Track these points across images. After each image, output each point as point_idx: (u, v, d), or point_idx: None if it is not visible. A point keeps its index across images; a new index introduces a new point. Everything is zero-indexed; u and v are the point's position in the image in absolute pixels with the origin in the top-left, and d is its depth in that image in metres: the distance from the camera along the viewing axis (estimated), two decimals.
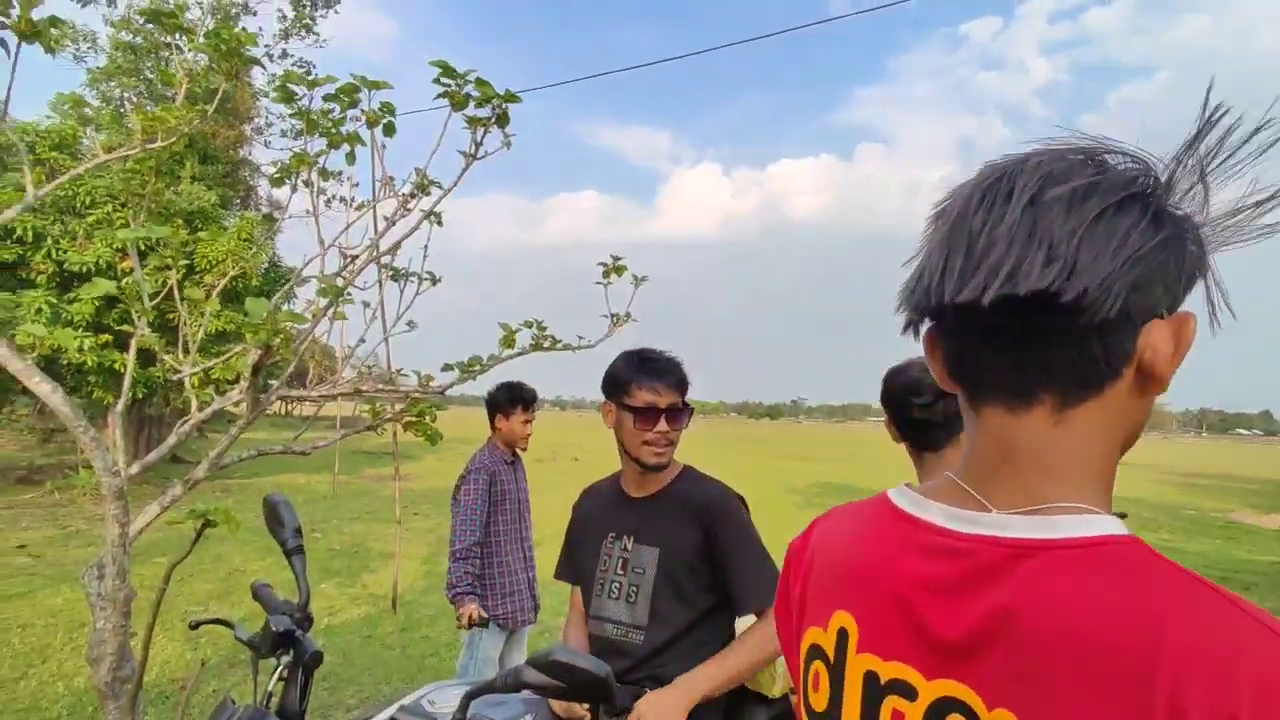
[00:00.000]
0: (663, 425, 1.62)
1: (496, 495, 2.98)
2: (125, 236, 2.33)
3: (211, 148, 12.47)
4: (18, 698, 3.80)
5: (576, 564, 1.78)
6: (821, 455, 31.43)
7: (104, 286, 2.45)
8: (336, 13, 16.51)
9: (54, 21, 2.33)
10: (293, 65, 16.11)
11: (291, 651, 1.25)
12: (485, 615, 2.82)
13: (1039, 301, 0.47)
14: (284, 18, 16.07)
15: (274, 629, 1.24)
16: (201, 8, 14.77)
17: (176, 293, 2.64)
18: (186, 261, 9.05)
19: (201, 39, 2.80)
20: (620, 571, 1.65)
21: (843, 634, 0.60)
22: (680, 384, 1.65)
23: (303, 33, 16.12)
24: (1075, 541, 0.49)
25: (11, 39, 2.22)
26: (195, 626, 1.53)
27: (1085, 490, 0.52)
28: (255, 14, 16.17)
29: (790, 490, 15.83)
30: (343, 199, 3.54)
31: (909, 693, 0.54)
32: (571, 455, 21.79)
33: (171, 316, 3.00)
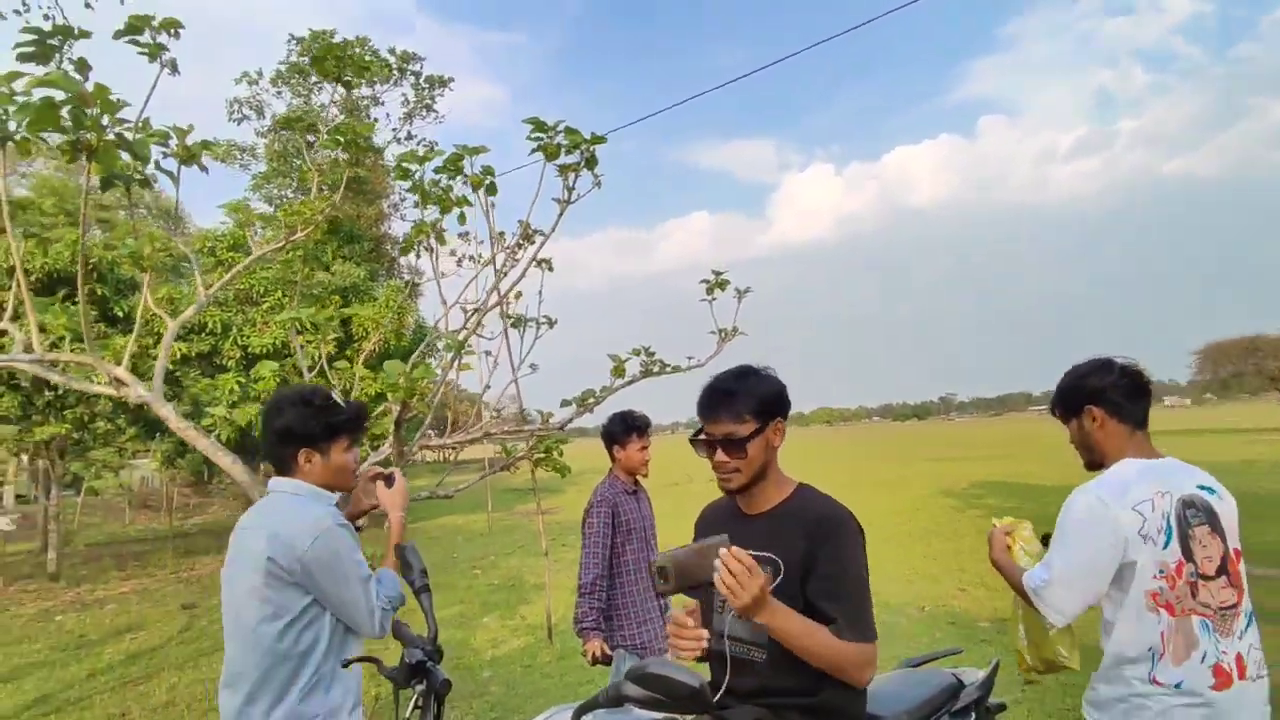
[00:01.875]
0: (720, 456, 1.62)
1: (621, 526, 3.06)
2: (280, 320, 2.68)
3: (356, 227, 13.85)
4: None
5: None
6: (976, 453, 29.35)
7: (268, 367, 2.83)
8: (451, 90, 17.96)
9: (206, 145, 2.74)
10: (417, 143, 17.62)
11: (424, 681, 1.38)
12: (609, 651, 2.89)
13: None
14: (407, 102, 17.66)
15: (408, 661, 1.38)
16: (337, 106, 16.57)
17: (324, 364, 2.98)
18: (337, 335, 10.04)
19: (325, 136, 3.20)
20: None
21: None
22: (736, 412, 1.61)
23: (424, 113, 17.62)
24: None
25: (173, 164, 2.66)
26: (347, 665, 1.68)
27: None
28: (383, 104, 17.92)
29: (945, 494, 14.92)
30: (471, 257, 3.85)
31: None
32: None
33: (337, 383, 3.39)
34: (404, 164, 3.11)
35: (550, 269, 3.70)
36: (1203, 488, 1.82)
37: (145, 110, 2.23)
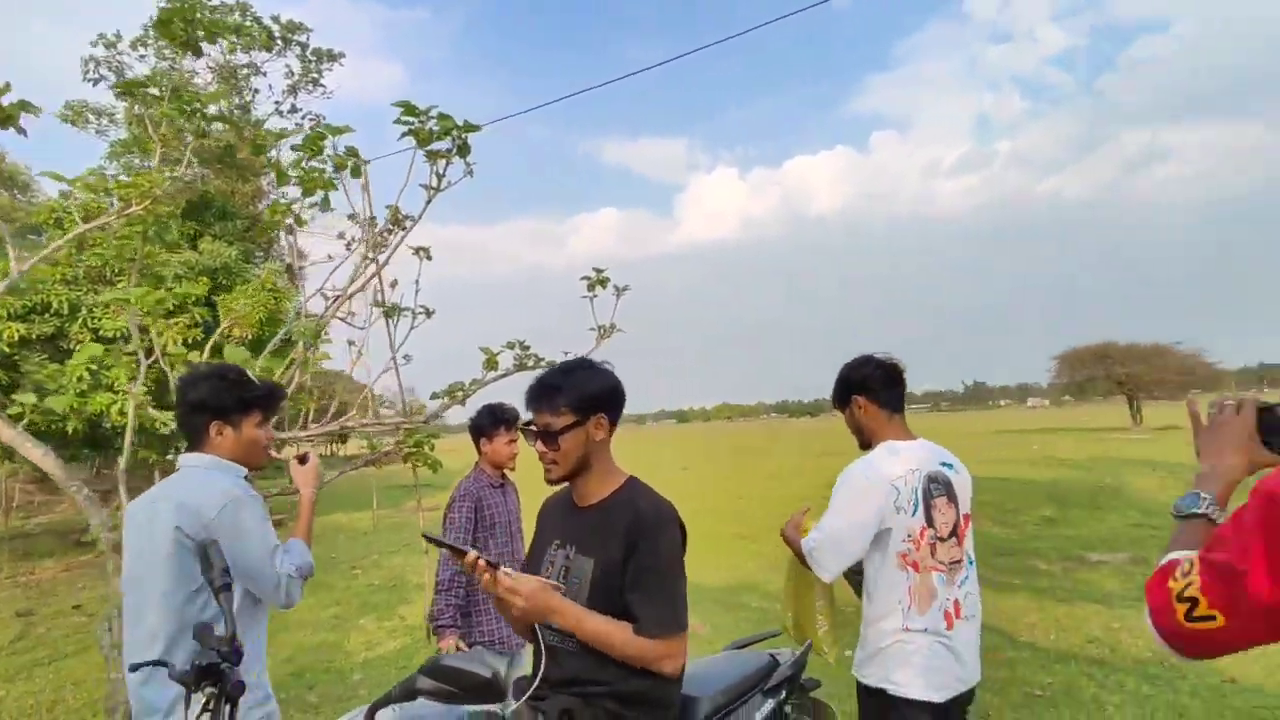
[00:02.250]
0: (539, 446, 1.66)
1: (485, 521, 3.00)
2: (105, 299, 2.45)
3: (230, 204, 12.93)
4: None
5: (528, 568, 1.81)
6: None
7: (90, 349, 2.58)
8: (342, 65, 17.06)
9: (24, 106, 2.47)
10: (302, 117, 16.64)
11: (216, 684, 1.31)
12: (465, 647, 2.84)
13: None
14: (291, 73, 16.64)
15: (198, 662, 1.30)
16: (212, 73, 15.40)
17: (159, 351, 2.76)
18: (202, 319, 9.34)
19: (166, 104, 2.95)
20: (562, 579, 1.67)
21: None
22: (554, 407, 1.64)
23: (310, 87, 16.66)
24: None
25: None
26: (134, 669, 1.61)
27: None
28: (264, 74, 16.81)
29: (828, 485, 15.63)
30: (351, 240, 3.65)
31: None
32: None
33: (176, 372, 3.13)
34: (257, 140, 2.92)
35: (429, 257, 3.58)
36: (944, 464, 2.16)
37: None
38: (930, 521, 2.06)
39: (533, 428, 1.67)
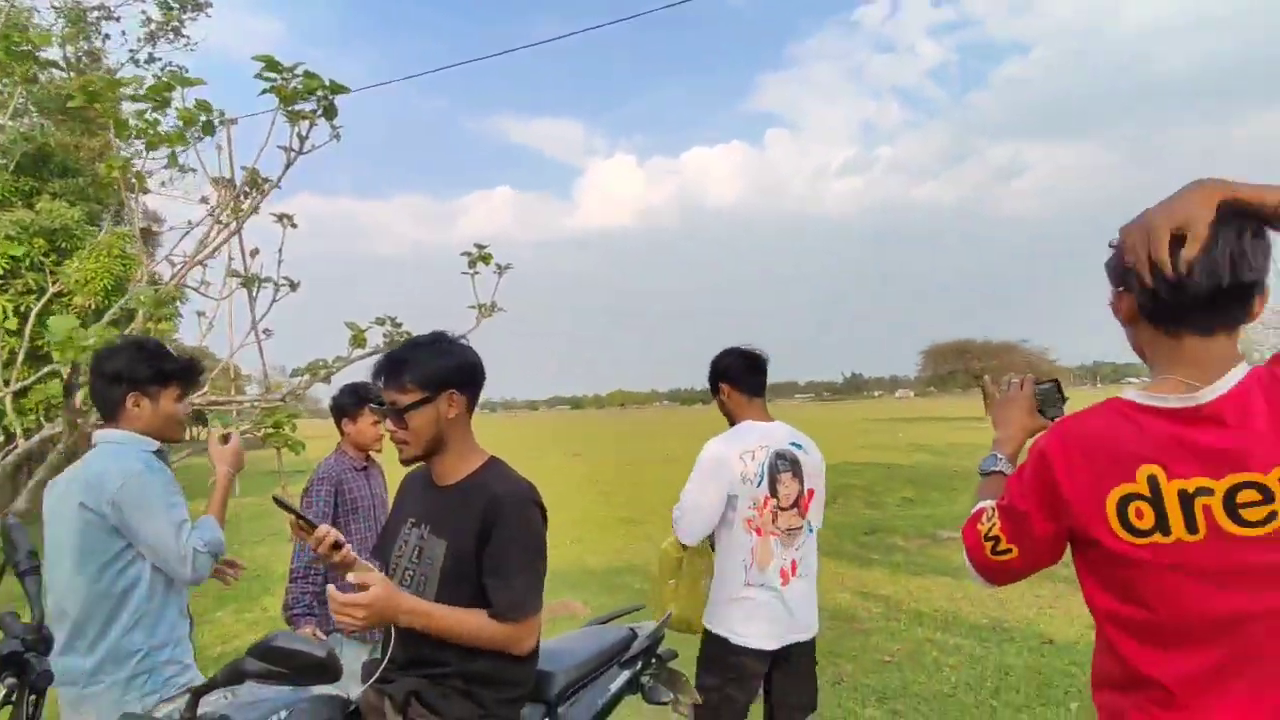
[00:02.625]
0: (389, 424, 1.62)
1: (346, 505, 2.88)
2: None
3: (74, 160, 11.62)
4: None
5: (381, 547, 1.76)
6: None
7: None
8: (208, 15, 15.64)
9: None
10: (161, 68, 15.18)
11: (19, 674, 1.19)
12: (323, 636, 2.73)
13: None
14: (149, 21, 15.09)
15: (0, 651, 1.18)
16: (57, 12, 13.71)
17: None
18: (35, 284, 8.41)
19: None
20: (415, 560, 1.63)
21: (1152, 479, 0.97)
22: (401, 383, 1.58)
23: (170, 36, 15.18)
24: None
25: None
26: None
27: None
28: (118, 19, 15.15)
29: None
30: (214, 206, 3.35)
31: (1208, 491, 0.94)
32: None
33: (40, 344, 2.80)
34: (90, 86, 2.63)
35: (293, 225, 3.36)
36: (794, 444, 2.45)
37: None
38: (774, 492, 2.35)
39: (381, 405, 1.61)
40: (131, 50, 15.15)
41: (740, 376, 2.52)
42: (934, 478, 12.82)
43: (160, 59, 15.42)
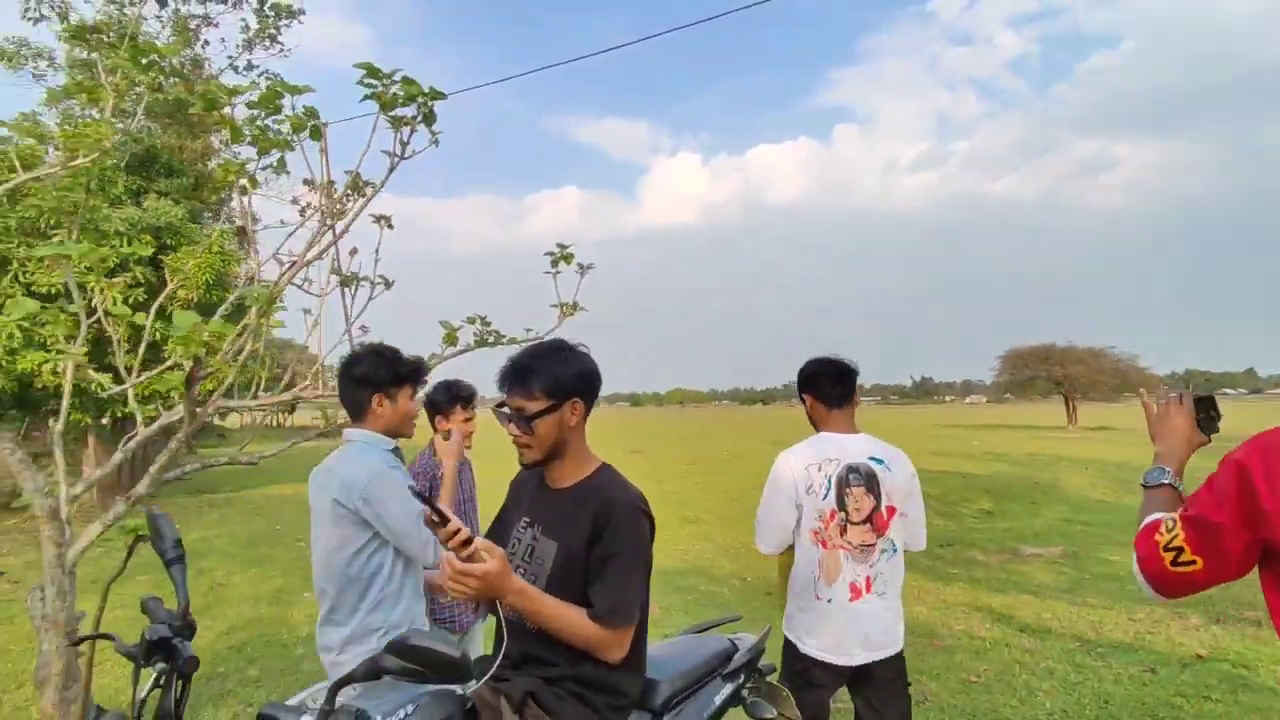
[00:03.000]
0: (511, 428, 1.64)
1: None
2: (41, 253, 2.31)
3: (177, 161, 12.35)
4: None
5: (493, 536, 1.80)
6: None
7: (26, 305, 2.44)
8: (300, 23, 16.36)
9: None
10: (258, 75, 15.97)
11: (168, 659, 1.26)
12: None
13: None
14: (247, 28, 15.90)
15: (149, 637, 1.25)
16: (161, 21, 14.61)
17: (100, 311, 2.62)
18: (145, 279, 8.96)
19: (121, 54, 2.78)
20: (527, 559, 1.66)
21: None
22: (528, 391, 1.61)
23: (266, 43, 15.95)
24: None
25: None
26: (76, 642, 1.55)
27: None
28: (217, 25, 16.03)
29: None
30: (310, 206, 3.51)
31: None
32: None
33: (115, 332, 2.98)
34: (209, 95, 2.77)
35: (390, 226, 3.47)
36: (874, 459, 2.40)
37: None
38: (841, 506, 2.34)
39: (505, 410, 1.64)
40: (230, 57, 16.04)
41: (822, 387, 2.50)
42: (1013, 489, 12.30)
43: (257, 65, 16.30)
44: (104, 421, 11.23)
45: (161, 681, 1.26)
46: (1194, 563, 1.15)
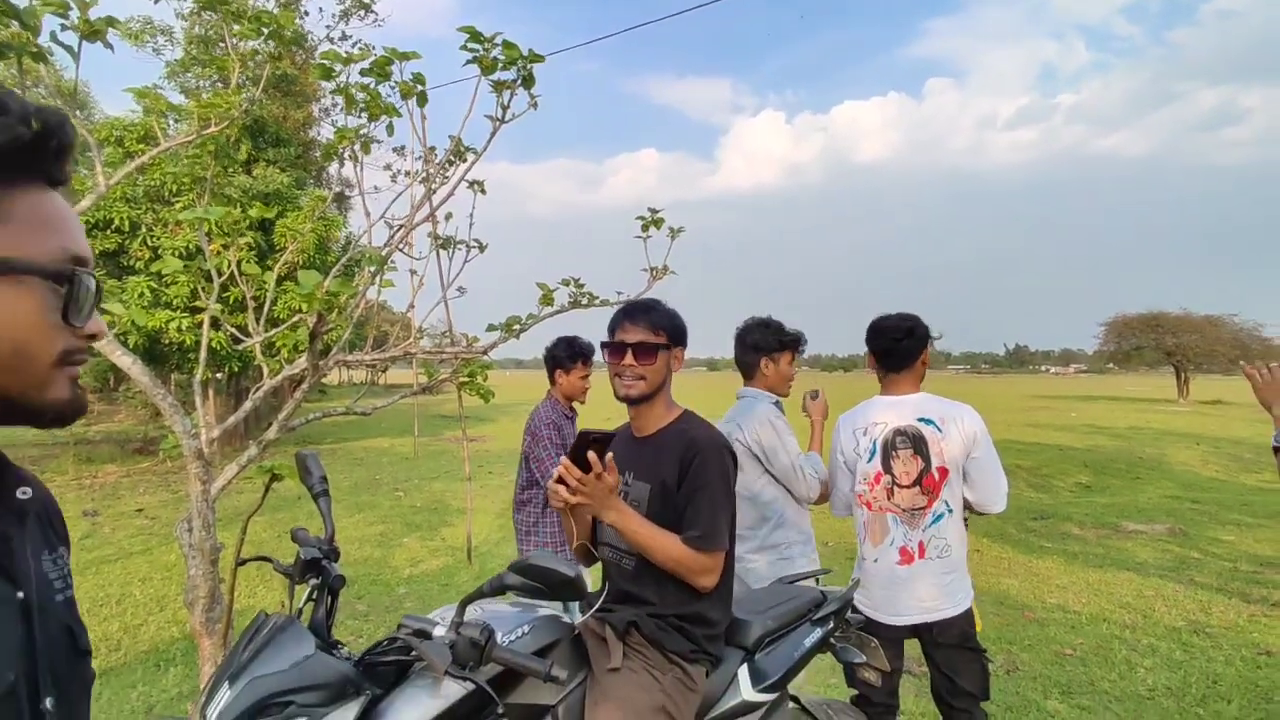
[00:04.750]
0: (628, 359, 1.72)
1: (563, 448, 3.12)
2: (184, 218, 2.52)
3: (283, 130, 13.00)
4: (140, 641, 4.27)
5: None
6: None
7: (172, 264, 2.68)
8: None
9: (110, 21, 2.51)
10: (352, 44, 16.50)
11: (320, 577, 1.41)
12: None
13: None
14: None
15: (304, 558, 1.41)
16: None
17: (235, 271, 2.84)
18: (257, 242, 9.52)
19: (246, 24, 2.96)
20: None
21: None
22: (653, 324, 1.73)
23: (361, 13, 16.44)
24: None
25: (73, 38, 2.43)
26: (241, 564, 1.74)
27: None
28: None
29: None
30: (407, 172, 3.68)
31: None
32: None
33: (259, 295, 3.24)
34: (326, 62, 2.92)
35: (483, 191, 3.59)
36: (924, 419, 2.37)
37: None
38: (888, 468, 2.36)
39: (625, 341, 1.72)
40: (328, 26, 16.67)
41: (880, 353, 2.48)
42: (1114, 464, 11.66)
43: (350, 36, 16.85)
44: (219, 376, 12.16)
45: (314, 596, 1.41)
46: None
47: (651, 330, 1.72)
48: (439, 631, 1.37)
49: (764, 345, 2.81)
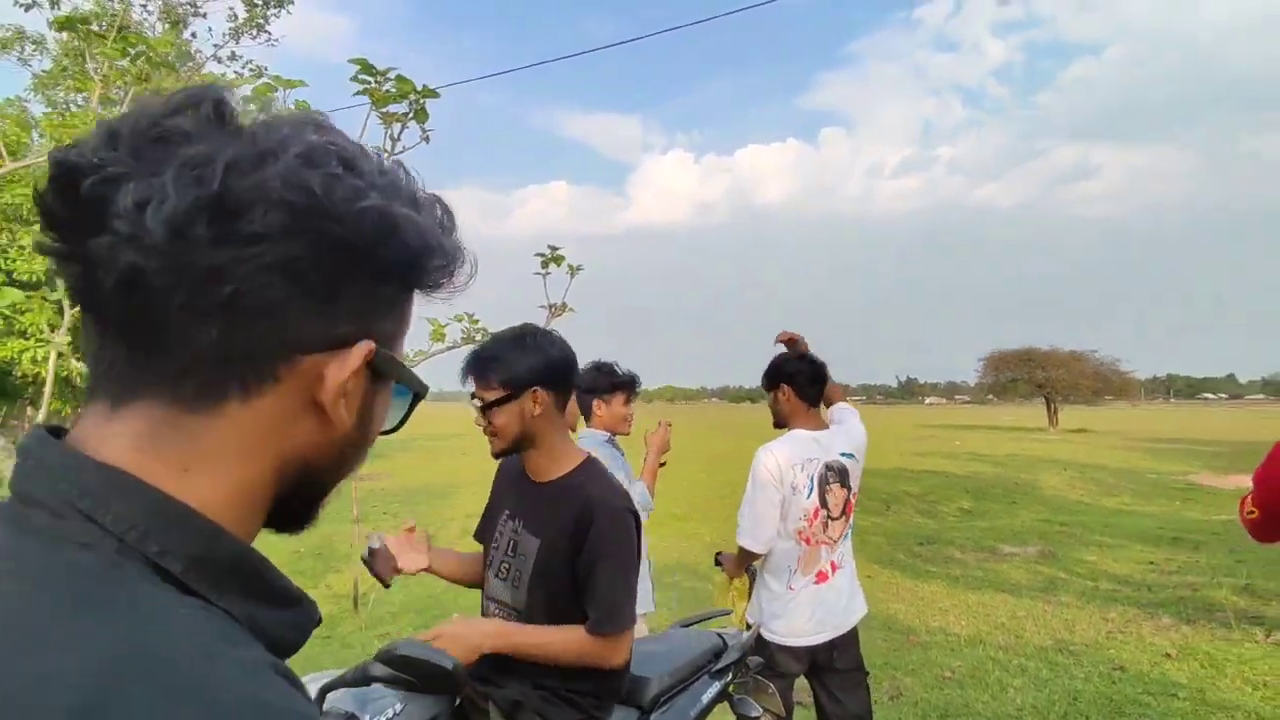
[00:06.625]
0: (480, 419, 1.61)
1: None
2: (29, 241, 2.31)
3: None
4: None
5: (482, 532, 1.80)
6: None
7: (11, 295, 2.44)
8: (289, 13, 16.16)
9: None
10: (243, 66, 15.81)
11: None
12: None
13: None
14: (234, 17, 15.70)
15: None
16: (148, 10, 14.41)
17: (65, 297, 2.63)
18: None
19: (110, 43, 2.79)
20: (510, 553, 1.66)
21: None
22: (488, 379, 1.60)
23: (254, 32, 15.78)
24: None
25: None
26: None
27: None
28: (205, 15, 15.83)
29: None
30: None
31: None
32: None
33: None
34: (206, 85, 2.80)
35: None
36: (844, 454, 2.51)
37: None
38: (824, 503, 2.44)
39: (474, 399, 1.63)
40: (215, 45, 15.85)
41: (804, 384, 2.56)
42: (993, 489, 12.46)
43: (240, 55, 16.10)
44: (78, 411, 11.10)
45: None
46: (1253, 513, 1.72)
47: (485, 386, 1.58)
48: None
49: (596, 387, 2.87)
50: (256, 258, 0.40)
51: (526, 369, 1.59)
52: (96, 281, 0.40)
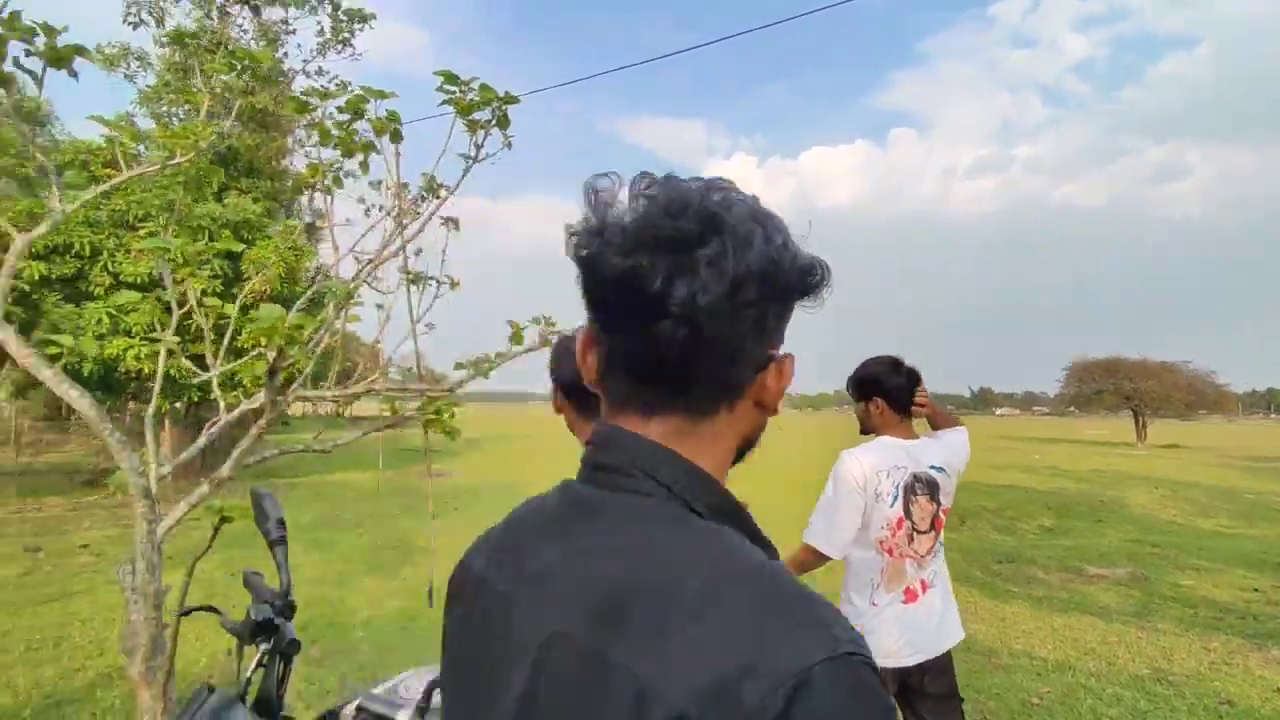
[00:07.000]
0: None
1: None
2: (143, 246, 2.46)
3: (256, 160, 12.90)
4: (76, 688, 4.04)
5: None
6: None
7: (128, 297, 2.60)
8: (371, 28, 16.87)
9: (78, 50, 2.47)
10: (329, 79, 16.56)
11: (270, 639, 1.31)
12: None
13: None
14: (322, 32, 16.49)
15: (254, 617, 1.30)
16: (242, 29, 15.29)
17: (193, 301, 2.77)
18: (223, 272, 9.38)
19: (218, 58, 2.95)
20: None
21: None
22: (554, 382, 1.55)
23: (339, 47, 16.52)
24: None
25: (38, 65, 2.38)
26: (185, 614, 1.62)
27: None
28: (294, 32, 16.67)
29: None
30: (380, 206, 3.65)
31: None
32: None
33: (218, 326, 3.15)
34: (303, 97, 2.91)
35: (457, 228, 3.58)
36: (934, 467, 2.40)
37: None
38: (909, 514, 2.34)
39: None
40: (305, 61, 16.69)
41: (898, 394, 2.45)
42: (1077, 506, 11.84)
43: (326, 70, 16.89)
44: (178, 406, 11.81)
45: (264, 661, 1.31)
46: None
47: (554, 392, 1.54)
48: (402, 717, 1.26)
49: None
50: (749, 320, 0.59)
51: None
52: (657, 351, 0.59)
